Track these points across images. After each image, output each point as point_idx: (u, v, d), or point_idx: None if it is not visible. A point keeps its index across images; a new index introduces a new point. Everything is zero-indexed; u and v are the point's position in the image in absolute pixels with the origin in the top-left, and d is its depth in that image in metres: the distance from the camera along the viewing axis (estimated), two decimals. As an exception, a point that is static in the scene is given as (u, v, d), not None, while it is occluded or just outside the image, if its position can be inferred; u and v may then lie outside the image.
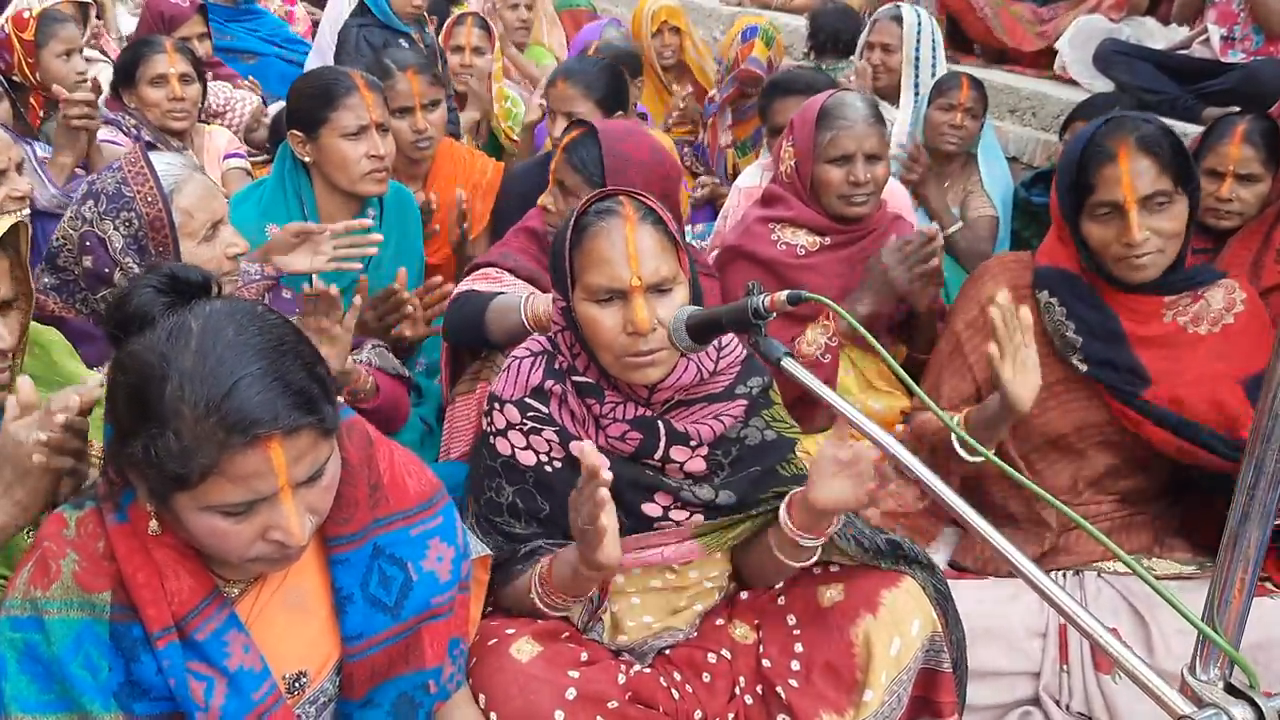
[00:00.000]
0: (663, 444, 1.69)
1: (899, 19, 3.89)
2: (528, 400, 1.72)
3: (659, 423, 1.70)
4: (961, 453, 1.97)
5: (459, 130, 3.94)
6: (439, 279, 2.39)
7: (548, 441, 1.71)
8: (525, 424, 1.71)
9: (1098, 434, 2.11)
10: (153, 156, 1.99)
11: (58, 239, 1.97)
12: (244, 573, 1.33)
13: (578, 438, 1.70)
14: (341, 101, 2.47)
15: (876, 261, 2.39)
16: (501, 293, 2.28)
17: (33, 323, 1.73)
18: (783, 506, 1.69)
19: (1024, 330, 1.90)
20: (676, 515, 1.73)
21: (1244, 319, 2.06)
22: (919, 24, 3.87)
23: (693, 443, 1.71)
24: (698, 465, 1.72)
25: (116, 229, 1.92)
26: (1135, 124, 1.99)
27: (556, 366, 1.74)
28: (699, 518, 1.73)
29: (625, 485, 1.70)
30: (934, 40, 3.89)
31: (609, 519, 1.43)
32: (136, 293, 1.18)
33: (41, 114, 3.56)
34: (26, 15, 3.47)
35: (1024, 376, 1.89)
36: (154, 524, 1.24)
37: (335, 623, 1.37)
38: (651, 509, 1.73)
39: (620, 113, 3.07)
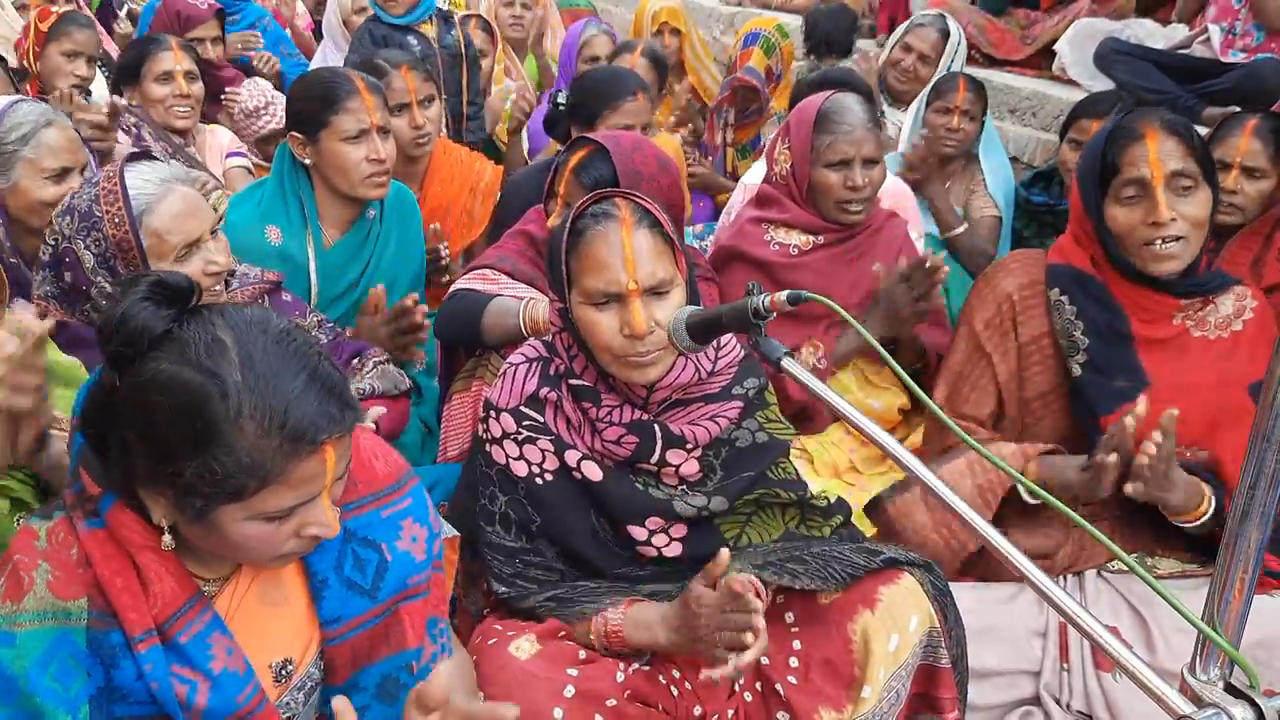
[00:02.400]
0: (659, 447, 1.69)
1: (945, 32, 3.88)
2: (523, 409, 1.72)
3: (655, 426, 1.69)
4: (982, 450, 1.93)
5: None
6: (413, 301, 2.35)
7: (542, 451, 1.71)
8: (520, 433, 1.71)
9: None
10: (139, 167, 1.94)
11: (43, 249, 1.95)
12: (221, 569, 1.33)
13: (572, 446, 1.71)
14: (342, 105, 2.45)
15: (886, 291, 2.38)
16: (500, 295, 2.27)
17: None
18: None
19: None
20: (659, 541, 1.73)
21: (1253, 326, 2.06)
22: (959, 40, 3.89)
23: (688, 445, 1.71)
24: (692, 467, 1.72)
25: (87, 248, 1.89)
26: (1160, 111, 2.02)
27: (552, 372, 1.74)
28: (678, 547, 1.73)
29: (618, 503, 1.71)
30: (964, 54, 3.92)
31: (755, 650, 1.49)
32: (133, 310, 1.15)
33: None
34: (54, 10, 3.54)
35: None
36: (167, 538, 1.23)
37: (314, 608, 1.38)
38: (638, 532, 1.73)
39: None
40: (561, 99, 3.18)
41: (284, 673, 1.36)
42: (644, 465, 1.72)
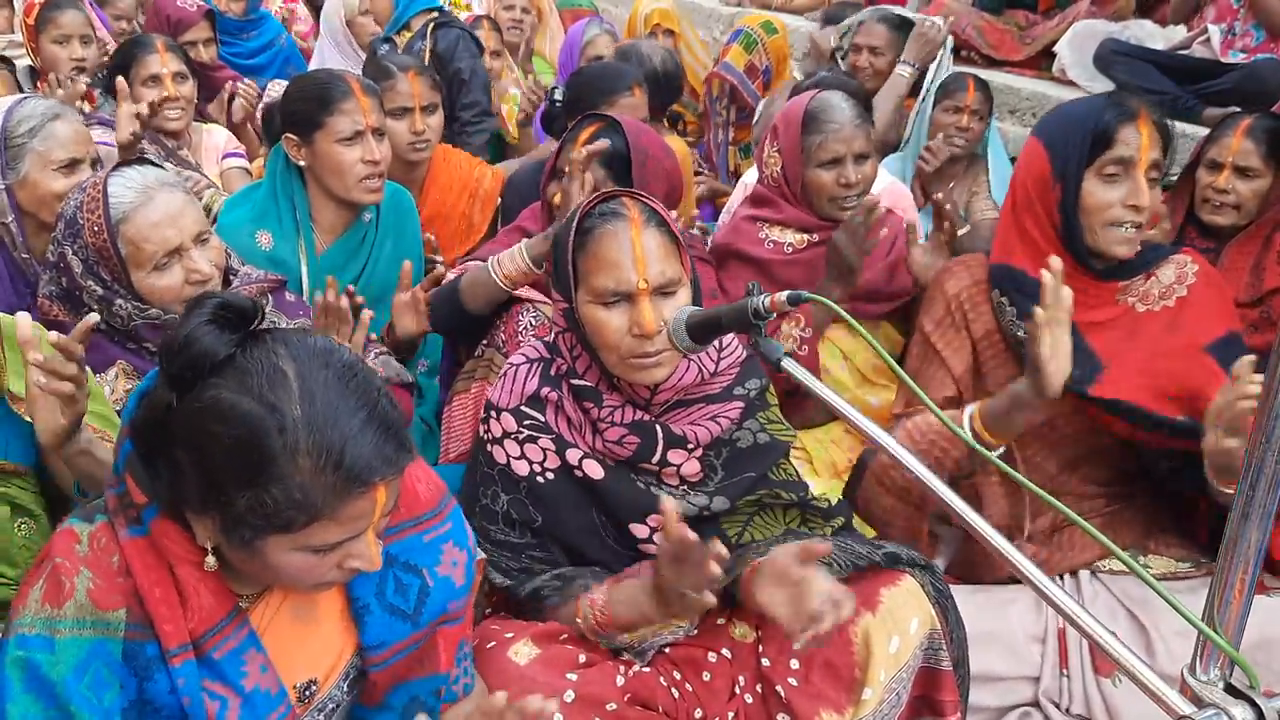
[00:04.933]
0: (660, 448, 1.69)
1: (887, 20, 3.90)
2: (524, 408, 1.72)
3: (656, 426, 1.69)
4: (977, 447, 1.89)
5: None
6: (442, 271, 2.40)
7: (543, 450, 1.71)
8: (521, 432, 1.72)
9: (1067, 424, 2.09)
10: (127, 172, 1.92)
11: (49, 250, 1.96)
12: (258, 584, 1.32)
13: (574, 445, 1.70)
14: (337, 106, 2.44)
15: (832, 248, 2.37)
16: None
17: (5, 315, 1.72)
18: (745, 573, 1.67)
19: (1067, 309, 1.78)
20: (662, 539, 1.72)
21: (1197, 289, 2.04)
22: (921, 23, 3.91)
23: (689, 445, 1.71)
24: (693, 468, 1.72)
25: (75, 254, 1.89)
26: (1146, 98, 2.03)
27: (553, 372, 1.74)
28: None
29: (620, 502, 1.70)
30: (947, 40, 3.93)
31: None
32: (197, 333, 1.12)
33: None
34: (37, 1, 3.52)
35: (1060, 358, 1.77)
36: (210, 560, 1.22)
37: (346, 630, 1.37)
38: (640, 530, 1.73)
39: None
40: (558, 95, 3.17)
41: (307, 693, 1.35)
42: (645, 465, 1.72)
